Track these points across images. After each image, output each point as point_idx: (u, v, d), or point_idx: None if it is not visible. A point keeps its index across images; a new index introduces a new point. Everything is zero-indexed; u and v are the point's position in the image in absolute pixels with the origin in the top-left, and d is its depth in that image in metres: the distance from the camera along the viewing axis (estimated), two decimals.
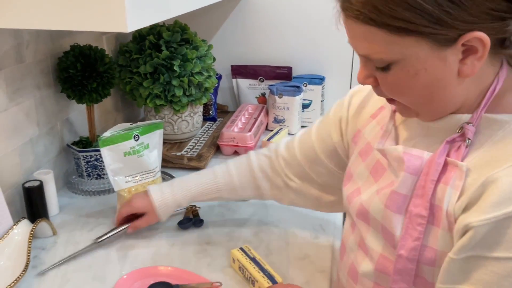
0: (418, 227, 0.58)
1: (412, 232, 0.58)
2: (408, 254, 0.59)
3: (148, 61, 1.27)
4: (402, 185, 0.60)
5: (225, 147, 1.36)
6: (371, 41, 0.55)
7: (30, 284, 0.83)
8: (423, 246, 0.58)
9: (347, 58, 1.56)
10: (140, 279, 0.82)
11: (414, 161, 0.59)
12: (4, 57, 0.94)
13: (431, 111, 0.60)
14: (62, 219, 1.04)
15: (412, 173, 0.59)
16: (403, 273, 0.60)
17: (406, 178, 0.59)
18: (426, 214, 0.57)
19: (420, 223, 0.58)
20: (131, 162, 1.02)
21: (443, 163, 0.57)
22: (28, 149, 1.04)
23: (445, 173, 0.57)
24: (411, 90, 0.57)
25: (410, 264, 0.59)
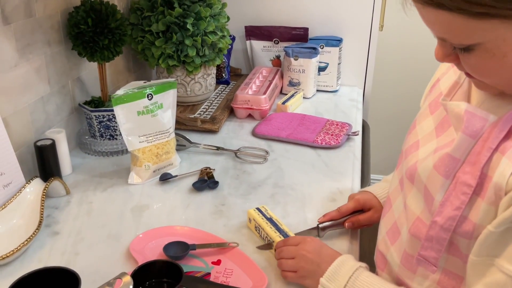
0: (462, 196, 0.53)
1: (454, 200, 0.54)
2: (444, 223, 0.54)
3: (161, 19, 1.23)
4: (458, 148, 0.54)
5: (239, 109, 1.33)
6: (448, 26, 0.49)
7: (44, 242, 0.82)
8: (462, 217, 0.54)
9: (366, 19, 1.50)
10: (156, 239, 0.81)
11: (476, 123, 0.53)
12: (13, 11, 0.90)
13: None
14: (75, 179, 1.02)
15: (470, 135, 0.53)
16: (434, 241, 0.56)
17: (463, 141, 0.53)
18: (473, 184, 0.52)
19: (465, 192, 0.53)
20: (144, 122, 0.99)
21: (506, 131, 0.51)
22: (39, 107, 1.01)
23: (505, 142, 0.51)
24: (499, 72, 0.51)
25: (443, 234, 0.55)
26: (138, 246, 0.79)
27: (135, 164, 1.00)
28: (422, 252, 0.58)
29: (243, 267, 0.75)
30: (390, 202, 0.71)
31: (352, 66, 1.58)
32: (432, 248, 0.57)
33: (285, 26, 1.54)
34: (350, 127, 1.25)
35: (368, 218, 0.84)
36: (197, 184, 0.98)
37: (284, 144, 1.20)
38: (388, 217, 0.70)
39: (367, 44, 1.54)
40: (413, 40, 2.03)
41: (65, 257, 0.78)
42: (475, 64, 0.51)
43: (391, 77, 2.17)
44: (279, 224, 0.82)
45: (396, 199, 0.69)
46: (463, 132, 0.53)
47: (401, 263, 0.64)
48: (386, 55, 2.09)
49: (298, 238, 0.75)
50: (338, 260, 0.68)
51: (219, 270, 0.75)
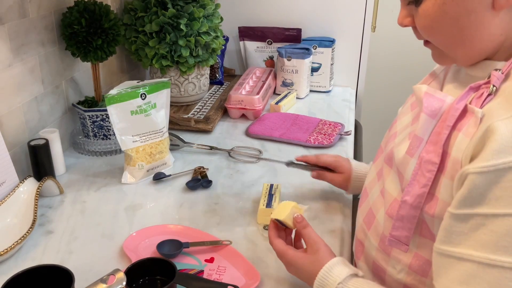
0: (427, 173, 0.55)
1: (420, 178, 0.56)
2: (413, 201, 0.56)
3: (154, 19, 1.23)
4: (420, 127, 0.57)
5: (233, 110, 1.34)
6: None
7: (37, 241, 0.82)
8: (430, 195, 0.56)
9: (359, 20, 1.52)
10: (149, 237, 0.81)
11: (434, 103, 0.56)
12: (7, 11, 0.91)
13: (465, 53, 0.57)
14: (68, 179, 1.02)
15: (429, 115, 0.56)
16: (405, 220, 0.58)
17: (425, 121, 0.56)
18: (437, 161, 0.54)
19: (430, 170, 0.55)
20: (138, 121, 0.99)
21: (461, 109, 0.54)
22: (33, 107, 1.02)
23: (461, 120, 0.54)
24: (441, 25, 0.55)
25: (413, 211, 0.57)
26: (131, 244, 0.79)
27: (129, 164, 1.01)
28: (393, 232, 0.60)
29: (236, 264, 0.76)
30: (367, 192, 0.73)
31: (344, 67, 1.59)
32: (403, 228, 0.59)
33: (278, 27, 1.55)
34: (343, 127, 1.26)
35: (332, 178, 0.92)
36: (190, 183, 0.99)
37: (277, 143, 1.21)
38: (364, 206, 0.72)
39: (359, 45, 1.55)
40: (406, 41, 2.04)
41: (59, 255, 0.79)
42: (421, 15, 0.56)
43: (384, 78, 2.18)
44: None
45: (372, 189, 0.71)
46: (424, 112, 0.56)
47: (379, 246, 0.65)
48: (379, 55, 2.10)
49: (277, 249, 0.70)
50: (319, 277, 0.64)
51: (212, 267, 0.76)
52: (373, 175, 0.73)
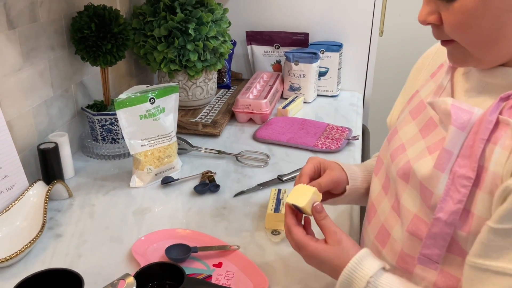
0: (462, 189, 0.53)
1: (454, 194, 0.54)
2: (447, 218, 0.54)
3: (163, 24, 1.24)
4: (451, 141, 0.55)
5: (240, 114, 1.34)
6: None
7: (46, 244, 0.83)
8: (465, 211, 0.53)
9: (366, 25, 1.52)
10: (158, 241, 0.82)
11: (462, 115, 0.54)
12: (18, 16, 0.92)
13: (493, 54, 0.55)
14: (77, 182, 1.03)
15: (459, 128, 0.54)
16: (438, 238, 0.56)
17: (455, 134, 0.54)
18: (472, 176, 0.52)
19: (465, 185, 0.53)
20: (147, 126, 1.00)
21: (494, 121, 0.52)
22: (42, 111, 1.02)
23: (495, 132, 0.52)
24: (478, 22, 0.52)
25: (447, 229, 0.55)
26: (140, 248, 0.79)
27: (137, 168, 1.01)
28: (424, 251, 0.57)
29: (244, 269, 0.76)
30: (374, 208, 0.70)
31: (352, 71, 1.59)
32: (435, 245, 0.56)
33: (286, 32, 1.56)
34: (350, 132, 1.26)
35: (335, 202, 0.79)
36: (198, 188, 0.99)
37: (284, 148, 1.21)
38: (374, 222, 0.69)
39: (367, 49, 1.55)
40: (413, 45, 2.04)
41: (68, 259, 0.79)
42: (457, 12, 0.52)
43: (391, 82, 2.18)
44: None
45: (380, 204, 0.68)
46: (453, 124, 0.54)
47: (397, 264, 0.63)
48: (386, 60, 2.10)
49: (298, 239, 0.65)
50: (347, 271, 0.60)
51: (220, 272, 0.76)
52: (378, 189, 0.70)
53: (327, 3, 1.51)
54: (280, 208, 0.88)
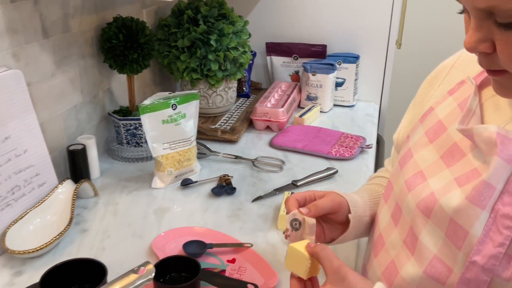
0: (505, 230, 0.47)
1: (495, 236, 0.48)
2: (485, 263, 0.48)
3: (186, 35, 1.31)
4: (494, 173, 0.48)
5: (258, 121, 1.39)
6: None
7: (73, 238, 0.89)
8: (507, 256, 0.48)
9: (383, 37, 1.55)
10: (176, 238, 0.87)
11: (510, 146, 0.48)
12: (52, 26, 0.99)
13: None
14: (102, 182, 1.09)
15: (506, 160, 0.48)
16: (472, 285, 0.50)
17: (499, 166, 0.48)
18: None
19: (508, 226, 0.47)
20: (168, 130, 1.06)
21: None
22: (72, 115, 1.10)
23: None
24: None
25: (484, 275, 0.49)
26: (159, 243, 0.85)
27: (159, 170, 1.07)
28: None
29: (256, 265, 0.80)
30: (383, 239, 0.64)
31: (368, 82, 1.63)
32: None
33: (304, 43, 1.61)
34: (364, 140, 1.30)
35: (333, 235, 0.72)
36: (215, 190, 1.04)
37: (299, 155, 1.25)
38: (382, 256, 0.63)
39: (383, 61, 1.59)
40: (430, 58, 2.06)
41: (92, 251, 0.85)
42: None
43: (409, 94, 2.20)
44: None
45: (389, 236, 0.62)
46: (499, 156, 0.48)
47: None
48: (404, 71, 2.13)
49: None
50: None
51: (234, 267, 0.80)
52: (388, 218, 0.64)
53: (344, 16, 1.56)
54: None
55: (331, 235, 0.71)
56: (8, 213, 0.86)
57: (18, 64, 0.91)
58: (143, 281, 0.60)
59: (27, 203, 0.90)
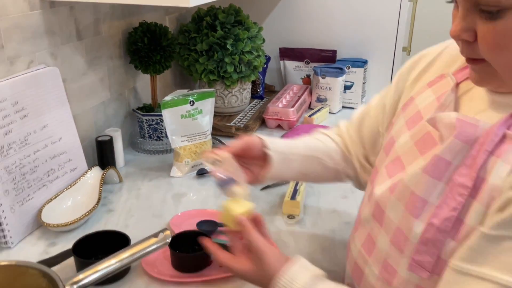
0: (458, 197, 0.53)
1: (450, 201, 0.54)
2: (441, 224, 0.54)
3: (205, 39, 1.42)
4: (448, 150, 0.55)
5: (270, 120, 1.49)
6: None
7: (100, 216, 1.00)
8: (458, 220, 0.54)
9: (390, 43, 1.64)
10: (191, 218, 0.97)
11: (467, 128, 0.54)
12: (85, 29, 1.11)
13: None
14: (126, 171, 1.21)
15: (463, 141, 0.54)
16: (430, 244, 0.56)
17: (455, 144, 0.55)
18: (470, 185, 0.53)
19: (462, 194, 0.53)
20: (186, 124, 1.17)
21: (501, 135, 0.52)
22: (101, 110, 1.22)
23: (500, 146, 0.52)
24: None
25: (440, 235, 0.55)
26: (176, 222, 0.95)
27: (177, 160, 1.18)
28: (416, 257, 0.57)
29: None
30: (360, 216, 0.72)
31: (376, 86, 1.71)
32: (427, 252, 0.56)
33: (315, 48, 1.71)
34: None
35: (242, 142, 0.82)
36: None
37: None
38: (360, 231, 0.70)
39: (391, 66, 1.68)
40: None
41: (117, 228, 0.95)
42: (498, 33, 0.49)
43: None
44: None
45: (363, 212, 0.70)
46: (456, 137, 0.55)
47: (380, 274, 0.64)
48: None
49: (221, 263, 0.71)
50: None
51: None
52: (366, 198, 0.72)
53: (353, 23, 1.65)
54: (296, 196, 1.02)
55: (260, 173, 0.82)
56: (44, 192, 0.98)
57: (55, 62, 1.03)
58: (161, 244, 0.71)
59: (60, 185, 1.01)
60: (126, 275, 0.82)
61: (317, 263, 0.81)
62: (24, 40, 0.94)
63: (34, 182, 0.95)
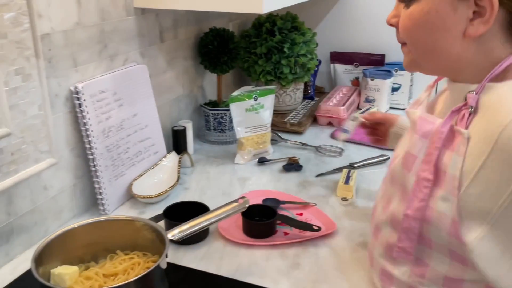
0: (424, 189, 0.61)
1: (418, 194, 0.62)
2: (414, 214, 0.62)
3: (264, 44, 1.58)
4: (413, 146, 0.64)
5: (321, 118, 1.63)
6: None
7: (179, 193, 1.17)
8: (428, 207, 0.61)
9: None
10: (257, 196, 1.11)
11: (425, 125, 0.63)
12: (166, 33, 1.29)
13: (432, 63, 0.65)
14: (195, 158, 1.37)
15: (422, 136, 0.63)
16: (408, 232, 0.64)
17: (417, 141, 0.63)
18: (431, 178, 0.61)
19: (426, 186, 0.61)
20: (250, 117, 1.32)
21: (447, 131, 0.59)
22: (175, 104, 1.39)
23: (453, 141, 0.59)
24: (419, 31, 0.62)
25: (414, 223, 0.63)
26: None
27: (240, 149, 1.33)
28: (399, 244, 0.66)
29: (319, 217, 1.03)
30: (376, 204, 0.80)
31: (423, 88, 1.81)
32: (407, 239, 0.65)
33: (364, 53, 1.83)
34: None
35: (383, 117, 1.10)
36: (286, 166, 1.29)
37: (357, 145, 1.46)
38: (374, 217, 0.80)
39: None
40: None
41: None
42: (407, 16, 0.63)
43: None
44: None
45: (377, 195, 0.80)
46: (416, 133, 0.64)
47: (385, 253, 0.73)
48: None
49: None
50: None
51: (301, 219, 1.04)
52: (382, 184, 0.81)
53: None
54: (349, 181, 1.15)
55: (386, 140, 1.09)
56: (133, 170, 1.15)
57: (143, 60, 1.21)
58: (241, 208, 0.86)
59: (145, 165, 1.19)
60: (206, 238, 0.97)
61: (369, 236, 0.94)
62: (122, 41, 1.12)
63: (127, 161, 1.13)
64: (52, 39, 0.92)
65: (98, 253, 0.82)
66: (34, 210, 0.93)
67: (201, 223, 0.83)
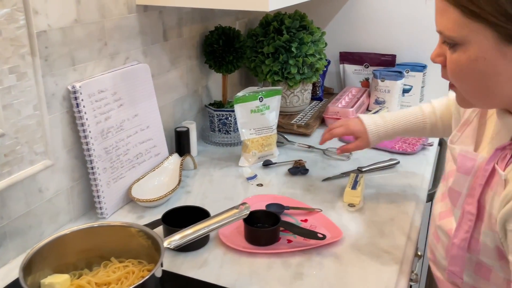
0: (468, 222, 0.66)
1: (463, 225, 0.66)
2: (459, 243, 0.67)
3: (271, 43, 1.53)
4: (456, 182, 0.68)
5: (329, 119, 1.58)
6: (447, 18, 0.58)
7: (180, 196, 1.13)
8: (473, 239, 0.66)
9: None
10: (260, 201, 1.07)
11: (466, 162, 0.66)
12: (169, 31, 1.26)
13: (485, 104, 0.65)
14: (199, 160, 1.33)
15: (463, 173, 0.66)
16: (456, 259, 0.69)
17: (459, 177, 0.67)
18: (475, 212, 0.64)
19: (470, 219, 0.65)
20: (255, 118, 1.28)
21: (490, 169, 0.62)
22: (179, 104, 1.35)
23: (493, 179, 0.62)
24: (468, 76, 0.59)
25: (461, 252, 0.68)
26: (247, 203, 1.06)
27: (245, 151, 1.29)
28: (450, 267, 0.71)
29: (324, 225, 0.99)
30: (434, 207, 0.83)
31: (435, 90, 1.76)
32: (456, 264, 0.69)
33: (375, 53, 1.78)
34: (426, 139, 1.44)
35: (356, 146, 1.10)
36: (292, 170, 1.24)
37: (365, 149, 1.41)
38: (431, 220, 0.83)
39: None
40: None
41: None
42: (454, 62, 0.60)
43: None
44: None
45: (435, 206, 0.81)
46: (457, 170, 0.68)
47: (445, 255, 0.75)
48: None
49: None
50: None
51: (306, 225, 0.99)
52: (439, 195, 0.81)
53: (413, 28, 1.71)
54: (357, 187, 1.10)
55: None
56: (134, 172, 1.12)
57: (146, 59, 1.18)
58: (241, 214, 0.82)
59: (146, 167, 1.15)
60: (206, 245, 0.93)
61: (376, 245, 0.90)
62: (123, 39, 1.09)
63: (126, 163, 1.09)
64: (49, 36, 0.89)
65: (92, 260, 0.79)
66: (29, 213, 0.90)
67: (199, 230, 0.79)
